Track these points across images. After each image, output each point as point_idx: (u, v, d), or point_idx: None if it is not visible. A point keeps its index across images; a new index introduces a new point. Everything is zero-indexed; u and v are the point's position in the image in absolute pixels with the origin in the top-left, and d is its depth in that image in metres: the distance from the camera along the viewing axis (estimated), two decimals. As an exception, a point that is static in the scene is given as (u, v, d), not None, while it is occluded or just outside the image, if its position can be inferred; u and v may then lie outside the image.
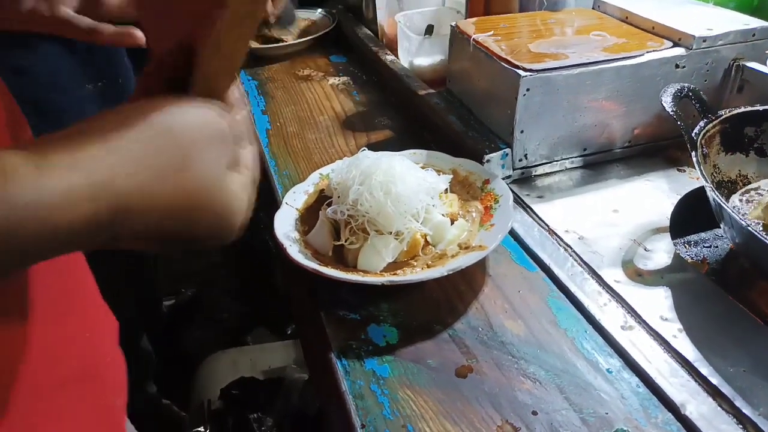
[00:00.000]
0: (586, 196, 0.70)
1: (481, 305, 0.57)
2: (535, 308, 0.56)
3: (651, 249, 0.61)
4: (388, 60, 0.98)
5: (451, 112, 0.80)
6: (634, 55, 0.69)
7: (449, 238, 0.60)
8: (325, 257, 0.60)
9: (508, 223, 0.59)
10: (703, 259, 0.63)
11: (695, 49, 0.70)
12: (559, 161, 0.73)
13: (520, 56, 0.69)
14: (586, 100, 0.69)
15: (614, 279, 0.57)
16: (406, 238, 0.58)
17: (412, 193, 0.59)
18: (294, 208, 0.66)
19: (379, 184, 0.58)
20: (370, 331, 0.55)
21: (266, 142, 0.88)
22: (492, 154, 0.70)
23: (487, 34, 0.75)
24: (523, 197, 0.70)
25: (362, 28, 1.14)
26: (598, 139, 0.73)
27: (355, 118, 0.93)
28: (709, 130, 0.62)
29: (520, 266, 0.61)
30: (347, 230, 0.59)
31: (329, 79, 1.07)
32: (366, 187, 0.58)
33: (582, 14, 0.83)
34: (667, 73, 0.71)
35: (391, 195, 0.58)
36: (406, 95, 0.90)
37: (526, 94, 0.67)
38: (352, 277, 0.55)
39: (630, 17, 0.78)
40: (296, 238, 0.61)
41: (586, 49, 0.70)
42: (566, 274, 0.58)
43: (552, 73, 0.66)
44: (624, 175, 0.73)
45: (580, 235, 0.63)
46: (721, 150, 0.64)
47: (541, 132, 0.70)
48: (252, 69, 1.14)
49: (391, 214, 0.57)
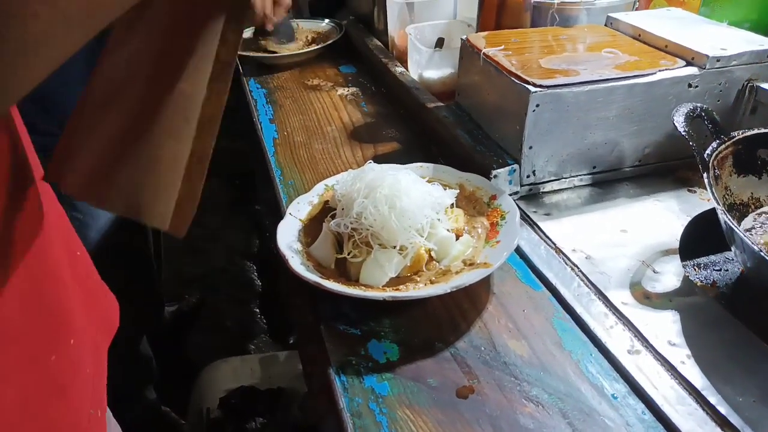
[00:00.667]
0: (594, 215, 0.69)
1: (484, 324, 0.56)
2: (539, 329, 0.55)
3: (660, 271, 0.60)
4: (397, 72, 0.97)
5: (459, 126, 0.79)
6: (646, 73, 0.68)
7: (454, 254, 0.59)
8: (328, 270, 0.59)
9: (514, 240, 0.58)
10: (712, 283, 0.61)
11: (708, 68, 0.69)
12: (567, 178, 0.72)
13: (530, 71, 0.68)
14: (597, 117, 0.68)
15: (621, 301, 0.56)
16: (410, 252, 0.57)
17: (417, 208, 0.58)
18: (298, 219, 0.65)
19: (383, 197, 0.58)
20: (371, 347, 0.54)
21: (272, 152, 0.87)
22: (500, 169, 0.69)
23: (498, 48, 0.74)
24: (530, 214, 0.69)
25: (372, 39, 1.14)
26: (608, 157, 0.72)
27: (362, 130, 0.92)
28: (721, 151, 0.61)
29: (525, 285, 0.60)
30: (350, 243, 0.58)
31: (338, 89, 1.07)
32: (370, 201, 0.58)
33: (594, 31, 0.82)
34: (680, 93, 0.70)
35: (395, 209, 0.57)
36: (414, 108, 0.90)
37: (536, 110, 0.66)
38: (353, 291, 0.54)
39: (643, 35, 0.78)
40: (299, 250, 0.61)
41: (598, 66, 0.70)
42: (572, 294, 0.57)
43: (562, 89, 0.65)
44: (633, 194, 0.72)
45: (587, 254, 0.62)
46: (733, 172, 0.63)
47: (549, 148, 0.69)
48: (261, 77, 1.14)
49: (395, 228, 0.56)
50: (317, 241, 0.61)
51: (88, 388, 0.52)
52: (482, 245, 0.61)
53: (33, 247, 0.46)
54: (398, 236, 0.57)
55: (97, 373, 0.55)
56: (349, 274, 0.58)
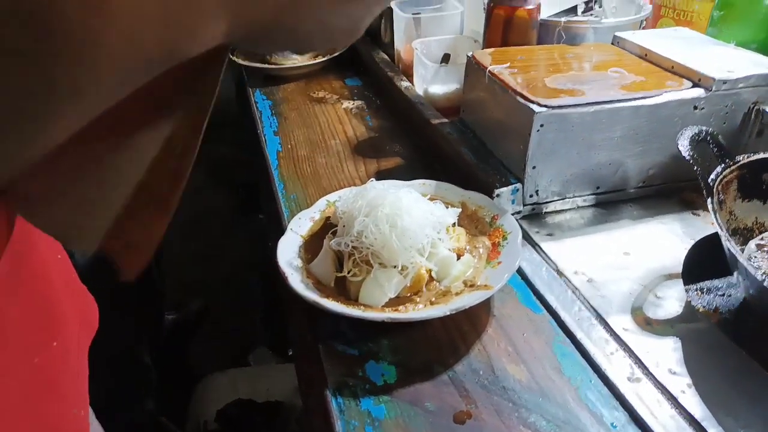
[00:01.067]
0: (597, 236, 0.68)
1: (483, 346, 0.55)
2: (539, 353, 0.54)
3: (662, 296, 0.59)
4: (402, 86, 0.97)
5: (463, 143, 0.78)
6: (652, 94, 0.68)
7: (455, 274, 0.59)
8: (327, 288, 0.58)
9: (515, 262, 0.57)
10: (715, 309, 0.60)
11: (715, 91, 0.69)
12: (570, 198, 0.72)
13: (535, 90, 0.68)
14: (601, 137, 0.68)
15: (623, 327, 0.55)
16: (411, 272, 0.57)
17: (419, 227, 0.58)
18: (298, 235, 0.65)
19: (385, 216, 0.57)
20: (368, 368, 0.53)
21: (276, 164, 0.87)
22: (502, 188, 0.68)
23: (504, 66, 0.74)
24: (532, 234, 0.68)
25: (379, 52, 1.14)
26: (612, 178, 0.72)
27: (366, 144, 0.92)
28: (726, 175, 0.60)
29: (526, 307, 0.59)
30: (350, 262, 0.58)
31: (343, 102, 1.07)
32: (372, 219, 0.57)
33: (601, 49, 0.82)
34: (686, 114, 0.69)
35: (396, 228, 0.57)
36: (418, 123, 0.89)
37: (540, 130, 0.65)
38: (352, 311, 0.54)
39: (649, 55, 0.77)
40: (299, 266, 0.60)
41: (604, 86, 0.69)
42: (573, 318, 0.56)
43: (567, 109, 0.65)
44: (637, 216, 0.72)
45: (589, 277, 0.61)
46: (738, 196, 0.63)
47: (553, 168, 0.69)
48: (267, 88, 1.14)
49: (395, 247, 0.56)
50: (317, 259, 0.61)
51: (73, 388, 0.52)
52: (483, 265, 0.60)
53: (19, 245, 0.46)
54: (399, 256, 0.56)
55: (80, 373, 0.55)
56: (349, 292, 0.58)
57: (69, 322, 0.53)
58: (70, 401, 0.51)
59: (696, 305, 0.59)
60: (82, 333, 0.57)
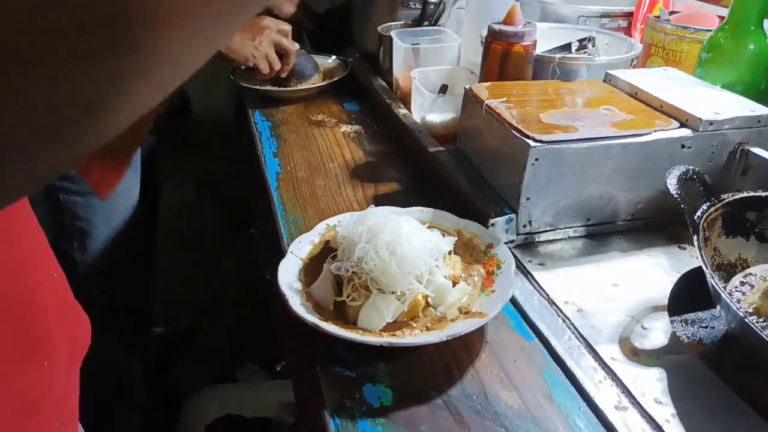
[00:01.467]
0: (587, 267, 0.71)
1: (477, 372, 0.57)
2: (530, 380, 0.56)
3: (648, 327, 0.61)
4: (400, 113, 1.00)
5: (460, 171, 0.81)
6: (642, 133, 0.71)
7: (450, 301, 0.61)
8: (326, 311, 0.60)
9: (508, 291, 0.60)
10: (699, 340, 0.63)
11: (702, 131, 0.72)
12: (563, 229, 0.74)
13: (530, 126, 0.70)
14: (593, 172, 0.71)
15: (611, 356, 0.57)
16: (408, 299, 0.59)
17: (417, 255, 0.60)
18: (299, 258, 0.67)
19: (385, 243, 0.59)
20: (366, 390, 0.55)
21: (275, 186, 0.89)
22: (497, 218, 0.71)
23: (500, 100, 0.77)
24: (525, 263, 0.71)
25: (377, 79, 1.17)
26: (603, 211, 0.74)
27: (364, 168, 0.94)
28: (711, 213, 0.63)
29: (518, 335, 0.61)
30: (350, 286, 0.60)
31: (341, 126, 1.09)
32: (372, 246, 0.59)
33: (593, 86, 0.85)
34: (674, 153, 0.72)
35: (396, 255, 0.59)
36: (416, 150, 0.92)
37: (535, 164, 0.68)
38: (351, 335, 0.55)
39: (639, 93, 0.81)
40: (299, 289, 0.62)
41: (596, 123, 0.72)
42: (563, 347, 0.59)
43: (561, 145, 0.68)
44: (626, 248, 0.74)
45: (579, 307, 0.64)
46: (722, 233, 0.65)
47: (546, 200, 0.71)
48: (266, 110, 1.16)
49: (395, 274, 0.58)
50: (317, 282, 0.62)
51: (60, 406, 0.54)
52: (478, 293, 0.62)
53: (12, 273, 0.48)
54: (398, 282, 0.58)
55: (69, 392, 0.56)
56: (348, 316, 0.59)
57: (59, 343, 0.55)
58: (57, 418, 0.52)
59: (681, 336, 0.62)
60: (74, 352, 0.58)
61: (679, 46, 0.95)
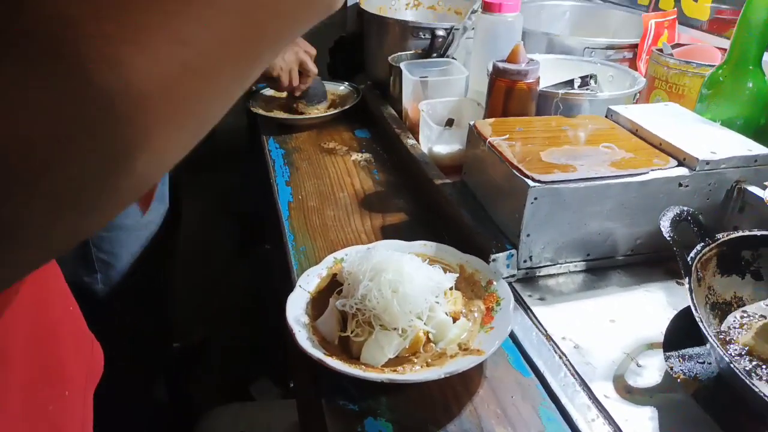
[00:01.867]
0: (586, 302, 0.73)
1: (474, 408, 0.59)
2: (526, 417, 0.58)
3: (643, 365, 0.63)
4: (408, 144, 1.03)
5: (463, 204, 0.84)
6: (639, 172, 0.73)
7: (450, 337, 0.63)
8: (331, 345, 0.63)
9: (506, 329, 0.62)
10: (694, 376, 0.64)
11: (698, 170, 0.74)
12: (563, 264, 0.76)
13: (531, 165, 0.73)
14: (592, 210, 0.73)
15: (604, 394, 0.59)
16: (410, 335, 0.61)
17: (419, 293, 0.62)
18: (306, 292, 0.70)
19: (388, 282, 0.62)
20: (367, 424, 0.58)
21: (287, 215, 0.92)
22: (498, 254, 0.73)
23: (503, 137, 0.80)
24: (525, 298, 0.73)
25: (387, 107, 1.20)
26: (602, 246, 0.76)
27: (373, 198, 0.97)
28: (705, 253, 0.65)
29: (516, 370, 0.64)
30: (354, 322, 0.62)
31: (352, 154, 1.13)
32: (375, 284, 0.62)
33: (595, 121, 0.88)
34: (671, 191, 0.74)
35: (398, 294, 0.61)
36: (422, 181, 0.95)
37: (534, 203, 0.70)
38: (353, 371, 0.58)
39: (639, 130, 0.83)
40: (305, 323, 0.65)
41: (595, 162, 0.74)
42: (559, 384, 0.61)
43: (560, 185, 0.70)
44: (624, 282, 0.76)
45: (576, 343, 0.66)
46: (717, 272, 0.67)
47: (546, 236, 0.74)
48: (280, 137, 1.20)
49: (396, 312, 0.61)
50: (323, 317, 0.65)
51: (77, 431, 0.57)
52: (477, 329, 0.65)
53: (37, 308, 0.52)
54: (399, 320, 0.61)
55: (86, 418, 0.60)
56: (352, 351, 0.62)
57: (76, 372, 0.59)
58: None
59: (676, 372, 0.63)
60: (89, 380, 0.62)
61: (681, 80, 0.97)
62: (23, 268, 0.26)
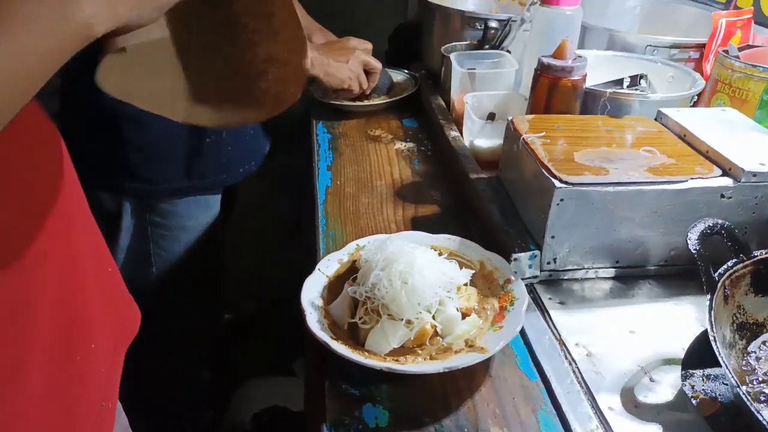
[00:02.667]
0: (608, 310, 0.71)
1: (473, 405, 0.59)
2: (524, 420, 0.57)
3: (657, 380, 0.61)
4: (451, 136, 1.02)
5: (494, 201, 0.83)
6: (677, 180, 0.70)
7: (458, 333, 0.63)
8: (341, 330, 0.64)
9: (515, 330, 0.61)
10: (715, 398, 0.61)
11: (743, 182, 0.70)
12: (589, 269, 0.74)
13: (561, 165, 0.71)
14: (622, 216, 0.70)
15: (608, 406, 0.58)
16: (416, 327, 0.62)
17: (429, 287, 0.62)
18: (325, 275, 0.71)
19: (398, 273, 0.62)
20: (365, 409, 0.59)
21: (323, 200, 0.94)
22: (521, 253, 0.72)
23: (538, 135, 0.78)
24: (544, 300, 0.71)
25: (437, 98, 1.19)
26: (633, 254, 0.74)
27: (408, 189, 0.98)
28: (738, 270, 0.62)
29: (522, 372, 0.63)
30: (362, 310, 0.63)
31: (396, 143, 1.13)
32: (386, 274, 0.63)
33: (642, 123, 0.84)
34: (711, 202, 0.70)
35: (407, 285, 0.62)
36: (459, 175, 0.94)
37: (560, 204, 0.69)
38: (355, 356, 0.59)
39: (688, 136, 0.79)
40: (319, 306, 0.67)
41: (631, 166, 0.72)
42: (563, 390, 0.59)
43: (588, 187, 0.68)
44: (655, 294, 0.73)
45: (588, 351, 0.64)
46: (750, 291, 0.64)
47: (572, 239, 0.72)
48: (329, 122, 1.21)
49: (404, 303, 0.61)
50: (336, 301, 0.67)
51: (103, 384, 0.62)
52: (488, 327, 0.64)
53: (66, 265, 0.57)
54: (406, 311, 0.61)
55: (113, 372, 0.65)
56: (359, 337, 0.63)
57: (106, 328, 0.63)
58: (100, 393, 0.61)
59: (696, 391, 0.61)
60: (120, 338, 0.67)
61: (745, 85, 0.91)
62: None
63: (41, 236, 0.52)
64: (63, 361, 0.55)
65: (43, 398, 0.52)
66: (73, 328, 0.57)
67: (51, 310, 0.53)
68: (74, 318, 0.57)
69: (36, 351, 0.52)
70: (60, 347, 0.55)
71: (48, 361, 0.53)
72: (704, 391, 0.61)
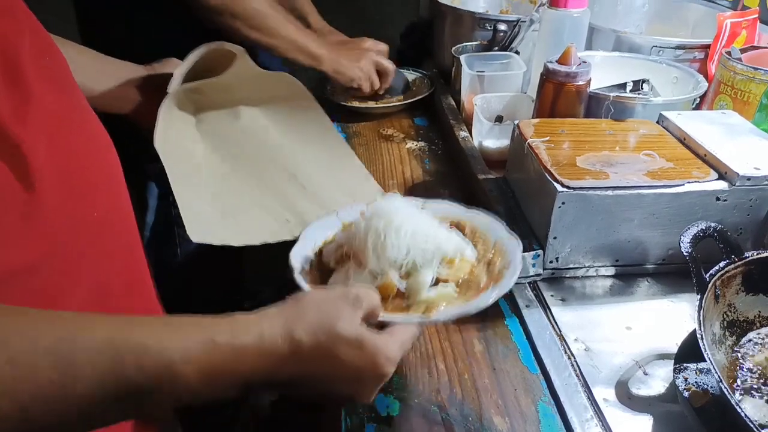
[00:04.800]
0: (607, 307, 0.75)
1: (477, 396, 0.64)
2: (525, 410, 0.62)
3: (650, 374, 0.65)
4: (460, 136, 1.06)
5: (501, 201, 0.87)
6: (674, 184, 0.73)
7: (422, 298, 0.59)
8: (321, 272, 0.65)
9: (467, 311, 0.57)
10: (705, 390, 0.65)
11: (738, 185, 0.73)
12: (590, 267, 0.78)
13: (563, 169, 0.75)
14: (622, 218, 0.74)
15: (603, 397, 0.62)
16: (379, 281, 0.59)
17: (401, 247, 0.60)
18: (341, 222, 0.70)
19: (376, 227, 0.60)
20: (377, 399, 0.63)
21: (337, 198, 0.99)
22: (525, 253, 0.76)
23: (543, 139, 0.81)
24: (547, 297, 0.76)
25: (448, 97, 1.23)
26: (632, 253, 0.77)
27: (419, 188, 1.02)
28: (729, 271, 0.65)
29: (523, 365, 0.67)
30: (338, 253, 0.64)
31: (408, 142, 1.17)
32: (366, 224, 0.62)
33: (645, 126, 0.87)
34: (707, 204, 0.74)
35: (380, 239, 0.60)
36: (467, 174, 0.98)
37: (562, 207, 0.73)
38: (303, 284, 0.60)
39: (687, 139, 0.82)
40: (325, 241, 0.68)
41: (630, 171, 0.75)
42: (562, 382, 0.64)
43: (588, 191, 0.72)
44: (652, 292, 0.77)
45: (587, 346, 0.68)
46: (741, 290, 0.67)
47: (573, 240, 0.76)
48: (344, 123, 1.25)
49: (369, 254, 0.60)
50: (331, 245, 0.67)
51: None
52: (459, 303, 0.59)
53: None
54: (370, 261, 0.60)
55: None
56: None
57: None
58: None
59: (689, 384, 0.65)
60: None
61: (747, 87, 0.94)
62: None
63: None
64: (117, 260, 0.59)
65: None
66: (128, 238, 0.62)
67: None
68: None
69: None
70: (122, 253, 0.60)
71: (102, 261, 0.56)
72: (696, 383, 0.65)
